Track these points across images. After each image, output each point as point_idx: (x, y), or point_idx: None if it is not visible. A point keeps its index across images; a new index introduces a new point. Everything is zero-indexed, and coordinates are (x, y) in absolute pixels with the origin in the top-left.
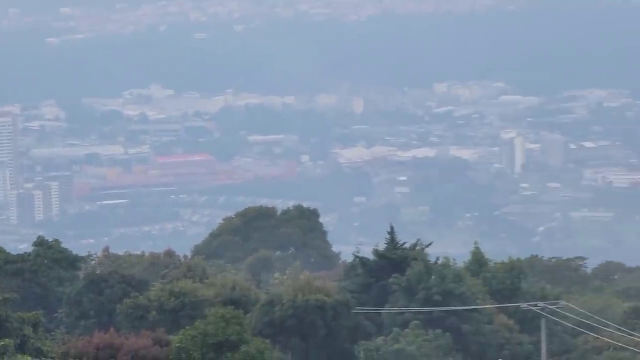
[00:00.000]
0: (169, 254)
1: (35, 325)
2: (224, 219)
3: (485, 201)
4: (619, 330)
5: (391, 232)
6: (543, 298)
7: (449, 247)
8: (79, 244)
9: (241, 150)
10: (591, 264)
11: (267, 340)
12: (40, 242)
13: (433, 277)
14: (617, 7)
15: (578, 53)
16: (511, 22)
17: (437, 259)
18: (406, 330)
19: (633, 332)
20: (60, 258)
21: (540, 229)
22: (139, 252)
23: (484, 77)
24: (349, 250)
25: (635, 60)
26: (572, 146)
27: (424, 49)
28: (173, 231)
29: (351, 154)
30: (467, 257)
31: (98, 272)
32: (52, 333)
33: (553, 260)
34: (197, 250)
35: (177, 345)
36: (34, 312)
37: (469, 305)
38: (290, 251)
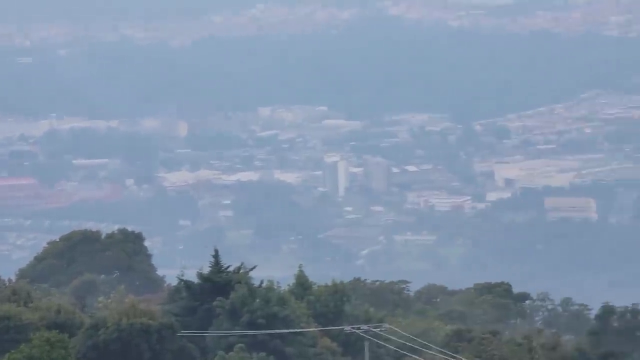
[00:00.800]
0: None
1: None
2: (48, 243)
3: (309, 225)
4: (441, 352)
5: (216, 256)
6: (367, 321)
7: (273, 270)
8: None
9: (66, 173)
10: (414, 287)
11: None
12: None
13: (257, 300)
14: (436, 31)
15: (399, 76)
16: (332, 46)
17: (262, 282)
18: (231, 353)
19: (455, 355)
20: None
21: (364, 252)
22: None
23: (307, 101)
24: (173, 273)
25: (454, 85)
26: (395, 170)
27: (249, 72)
28: None
29: (175, 178)
30: (292, 281)
31: None
32: None
33: (377, 283)
34: (22, 274)
35: None
36: None
37: (293, 329)
38: (115, 275)
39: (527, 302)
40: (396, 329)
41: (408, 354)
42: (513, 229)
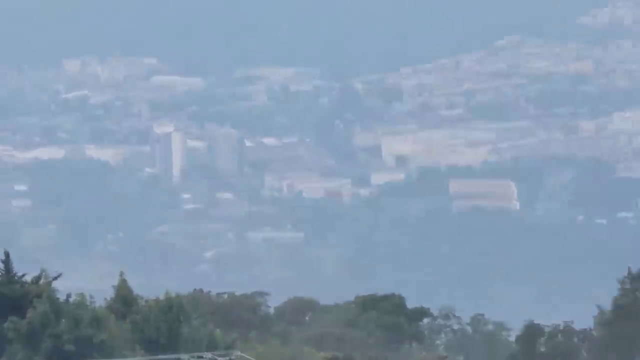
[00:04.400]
0: None
1: None
2: None
3: (134, 218)
4: None
5: (6, 260)
6: (211, 347)
7: (85, 280)
8: None
9: None
10: (275, 301)
11: None
12: None
13: (63, 320)
14: None
15: (254, 18)
16: None
17: (69, 296)
18: None
19: None
20: None
21: (208, 254)
22: None
23: (130, 50)
24: None
25: (328, 30)
26: (249, 144)
27: (50, 14)
28: None
29: None
30: (110, 294)
31: None
32: None
33: (225, 296)
34: None
35: None
36: None
37: (112, 358)
38: None
39: (426, 320)
40: (250, 358)
41: None
42: (408, 223)
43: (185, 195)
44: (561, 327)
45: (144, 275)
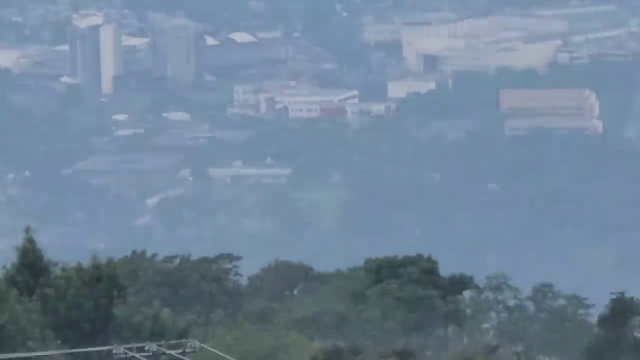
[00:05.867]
0: None
1: None
2: None
3: (45, 149)
4: None
5: None
6: (158, 334)
7: None
8: None
9: None
10: (248, 268)
11: None
12: None
13: None
14: None
15: None
16: None
17: None
18: None
19: None
20: None
21: (151, 201)
22: None
23: None
24: None
25: None
26: (211, 41)
27: None
28: None
29: None
30: (12, 257)
31: None
32: None
33: (177, 260)
34: None
35: None
36: None
37: (12, 349)
38: None
39: (468, 293)
40: (213, 350)
41: None
42: (439, 153)
43: (119, 116)
44: None
45: (61, 232)
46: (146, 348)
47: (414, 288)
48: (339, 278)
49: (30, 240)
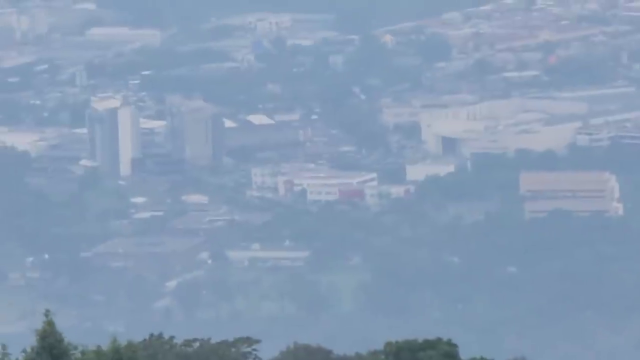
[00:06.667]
0: None
1: None
2: None
3: (63, 232)
4: None
5: None
6: None
7: None
8: None
9: None
10: (268, 352)
11: None
12: None
13: None
14: None
15: None
16: None
17: None
18: None
19: None
20: None
21: (170, 284)
22: None
23: None
24: None
25: None
26: (229, 123)
27: None
28: None
29: None
30: (32, 341)
31: None
32: None
33: (196, 344)
34: None
35: None
36: None
37: None
38: None
39: None
40: None
41: None
42: (459, 235)
43: (138, 199)
44: None
45: (80, 315)
46: None
47: None
48: None
49: (50, 323)
